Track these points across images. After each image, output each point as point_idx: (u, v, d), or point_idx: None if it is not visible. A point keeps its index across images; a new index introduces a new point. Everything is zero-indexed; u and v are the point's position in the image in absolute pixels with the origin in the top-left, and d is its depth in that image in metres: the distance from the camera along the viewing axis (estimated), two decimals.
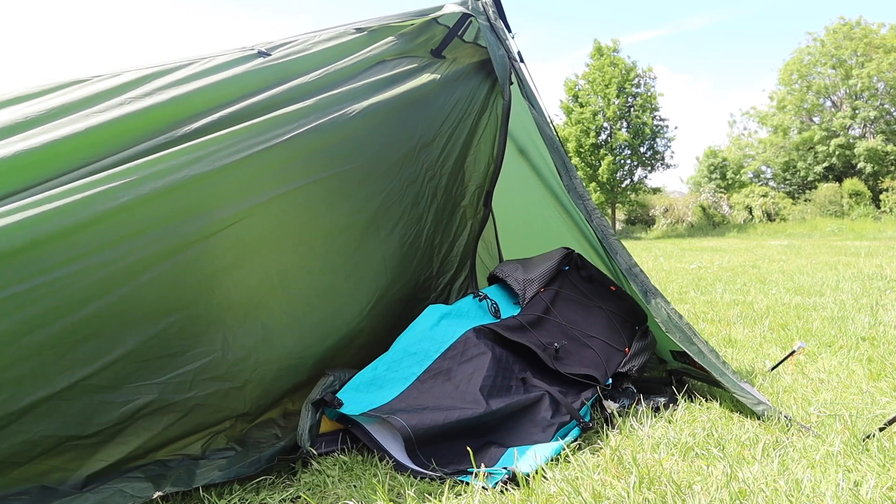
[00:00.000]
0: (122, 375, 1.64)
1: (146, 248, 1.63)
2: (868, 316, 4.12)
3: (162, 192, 1.65)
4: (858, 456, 1.76)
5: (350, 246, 2.27)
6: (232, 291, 1.88)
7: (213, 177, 1.76)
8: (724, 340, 3.56)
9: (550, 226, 3.23)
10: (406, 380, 2.13)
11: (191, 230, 1.73)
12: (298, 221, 2.07)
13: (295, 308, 2.09)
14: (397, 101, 2.33)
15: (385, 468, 1.81)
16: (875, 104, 28.78)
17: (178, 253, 1.71)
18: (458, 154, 2.69)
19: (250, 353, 1.93)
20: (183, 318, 1.75)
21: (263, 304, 1.98)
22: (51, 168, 1.59)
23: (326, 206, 2.16)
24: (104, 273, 1.56)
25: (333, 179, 2.16)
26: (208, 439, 1.89)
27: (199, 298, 1.80)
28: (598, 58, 29.77)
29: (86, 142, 1.67)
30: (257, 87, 2.07)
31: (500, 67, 2.55)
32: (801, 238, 20.03)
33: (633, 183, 30.07)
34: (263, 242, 1.95)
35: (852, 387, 2.52)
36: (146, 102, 1.82)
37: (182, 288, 1.75)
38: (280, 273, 2.03)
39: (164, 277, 1.68)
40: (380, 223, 2.37)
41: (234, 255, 1.87)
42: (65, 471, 1.59)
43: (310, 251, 2.12)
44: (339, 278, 2.24)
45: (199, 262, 1.77)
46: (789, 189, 31.39)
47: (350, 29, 2.47)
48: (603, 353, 2.41)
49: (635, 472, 1.64)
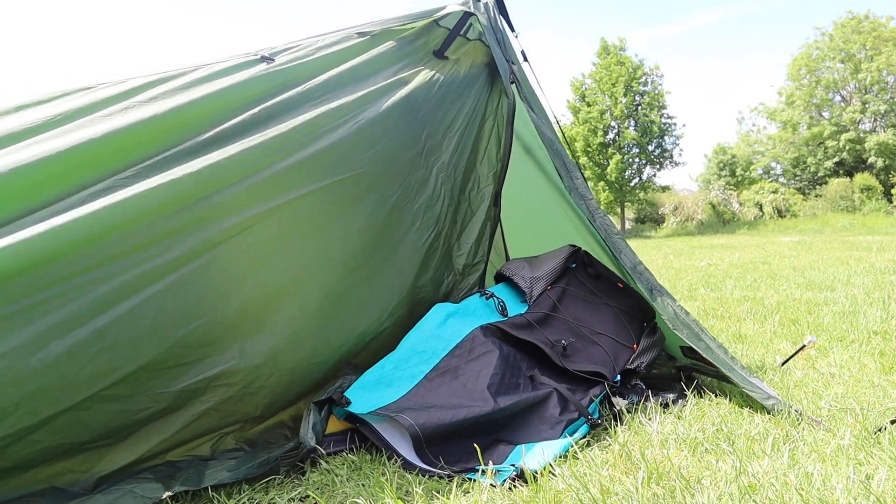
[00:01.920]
0: (140, 385, 1.64)
1: (159, 257, 1.64)
2: (880, 310, 4.09)
3: (172, 202, 1.66)
4: (870, 449, 1.75)
5: (365, 250, 2.26)
6: (248, 298, 1.88)
7: (221, 186, 1.78)
8: (734, 336, 3.54)
9: (557, 223, 3.22)
10: (414, 378, 2.13)
11: (201, 239, 1.74)
12: (310, 227, 2.07)
13: (311, 313, 2.08)
14: (402, 105, 2.34)
15: (393, 467, 1.82)
16: (885, 98, 28.61)
17: (191, 262, 1.71)
18: (470, 154, 2.69)
19: (267, 359, 1.92)
20: (200, 327, 1.75)
21: (280, 311, 1.98)
22: (64, 182, 1.61)
23: (338, 210, 2.16)
24: (118, 282, 1.56)
25: (342, 185, 2.16)
26: (217, 440, 1.89)
27: (216, 306, 1.80)
28: (605, 56, 29.75)
29: (93, 155, 1.68)
30: (262, 94, 2.08)
31: (501, 67, 2.55)
32: (812, 234, 19.90)
33: (642, 181, 30.01)
34: (275, 249, 1.95)
35: (864, 381, 2.50)
36: (150, 112, 1.84)
37: (198, 296, 1.75)
38: (295, 279, 2.03)
39: (179, 286, 1.69)
40: (394, 226, 2.37)
41: (248, 262, 1.87)
42: (76, 472, 1.60)
43: (325, 256, 2.12)
44: (357, 282, 2.23)
45: (213, 270, 1.78)
46: (800, 185, 31.23)
47: (352, 33, 2.48)
48: (611, 350, 2.40)
49: (644, 467, 1.64)
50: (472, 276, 2.88)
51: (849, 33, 29.77)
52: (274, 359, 1.94)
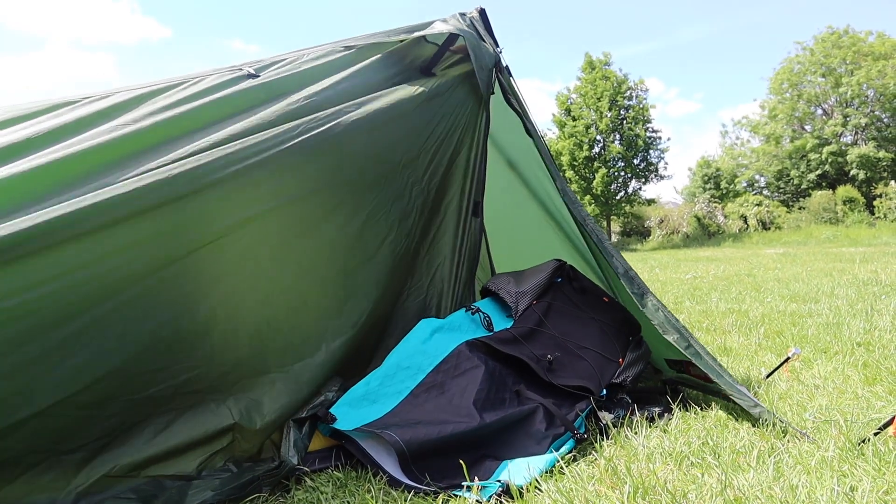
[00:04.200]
0: (108, 392, 1.63)
1: (130, 264, 1.64)
2: (863, 321, 4.12)
3: (145, 210, 1.66)
4: (854, 461, 1.76)
5: (338, 261, 2.25)
6: (217, 307, 1.87)
7: (196, 195, 1.77)
8: (719, 349, 3.56)
9: (542, 238, 3.24)
10: (399, 394, 2.12)
11: (173, 247, 1.73)
12: (281, 238, 2.06)
13: (282, 323, 2.07)
14: (380, 116, 2.33)
15: (379, 484, 1.80)
16: (865, 111, 29.03)
17: (162, 269, 1.71)
18: (446, 168, 2.69)
19: (234, 367, 1.92)
20: (169, 334, 1.75)
21: (249, 319, 1.97)
22: (37, 190, 1.61)
23: (310, 223, 2.16)
24: (89, 289, 1.56)
25: (315, 197, 2.15)
26: (206, 459, 1.86)
27: (184, 314, 1.79)
28: (590, 71, 30.00)
29: (71, 165, 1.69)
30: (246, 106, 2.08)
31: (483, 84, 2.56)
32: (796, 246, 20.08)
33: (628, 195, 30.20)
34: (246, 259, 1.94)
35: (847, 392, 2.52)
36: (131, 129, 1.84)
37: (167, 304, 1.74)
38: (266, 289, 2.02)
39: (148, 293, 1.68)
40: (367, 238, 2.37)
41: (218, 271, 1.87)
42: (53, 490, 1.57)
43: (297, 267, 2.11)
44: (328, 293, 2.22)
45: (183, 279, 1.77)
46: (783, 197, 31.54)
47: (338, 47, 2.49)
48: (597, 364, 2.41)
49: (630, 481, 1.64)
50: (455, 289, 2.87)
51: (829, 48, 30.25)
52: (241, 367, 1.94)
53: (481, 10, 2.70)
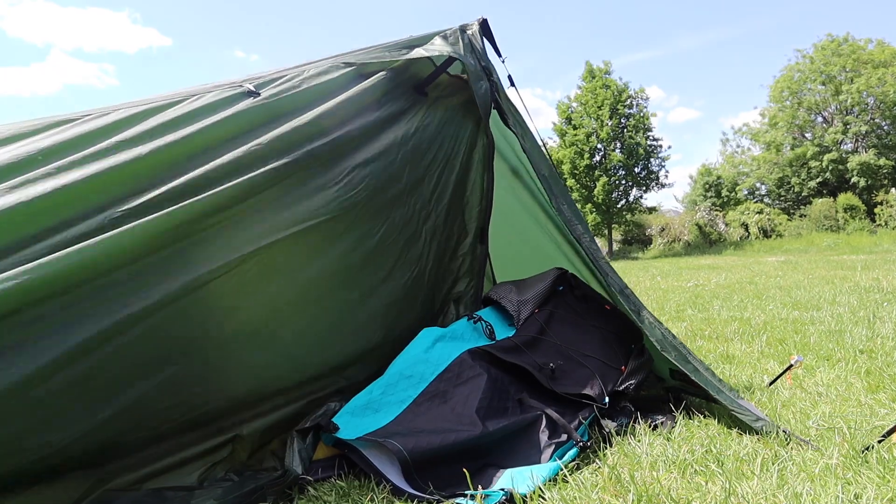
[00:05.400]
0: (118, 428, 1.65)
1: (139, 302, 1.64)
2: (865, 328, 4.12)
3: (151, 244, 1.68)
4: (858, 468, 1.75)
5: (344, 290, 2.27)
6: (224, 341, 1.90)
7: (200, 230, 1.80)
8: (721, 357, 3.55)
9: (544, 246, 3.24)
10: (402, 403, 2.12)
11: (178, 284, 1.73)
12: (288, 268, 2.07)
13: (290, 353, 2.10)
14: (384, 144, 2.35)
15: (382, 492, 1.80)
16: (866, 119, 29.03)
17: (167, 307, 1.71)
18: (453, 191, 2.69)
19: (246, 395, 1.97)
20: (177, 371, 1.76)
21: (258, 350, 2.00)
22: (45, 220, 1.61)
23: (315, 251, 2.17)
24: (100, 326, 1.56)
25: (324, 225, 2.16)
26: (206, 470, 1.87)
27: (192, 349, 1.81)
28: (591, 80, 30.02)
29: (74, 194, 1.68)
30: (247, 128, 2.06)
31: (483, 106, 2.56)
32: (797, 253, 20.06)
33: (629, 203, 30.16)
34: (255, 291, 1.96)
35: (851, 399, 2.51)
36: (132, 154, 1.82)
37: (174, 340, 1.76)
38: (273, 321, 2.04)
39: (154, 331, 1.69)
40: (376, 265, 2.38)
41: (227, 303, 1.88)
42: (56, 503, 1.58)
43: (302, 298, 2.13)
44: (335, 324, 2.25)
45: (188, 315, 1.78)
46: (784, 205, 31.50)
47: (339, 63, 2.45)
48: (599, 372, 2.40)
49: (633, 490, 1.63)
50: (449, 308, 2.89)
51: (829, 56, 30.28)
52: (250, 396, 1.98)
53: (483, 20, 2.70)
